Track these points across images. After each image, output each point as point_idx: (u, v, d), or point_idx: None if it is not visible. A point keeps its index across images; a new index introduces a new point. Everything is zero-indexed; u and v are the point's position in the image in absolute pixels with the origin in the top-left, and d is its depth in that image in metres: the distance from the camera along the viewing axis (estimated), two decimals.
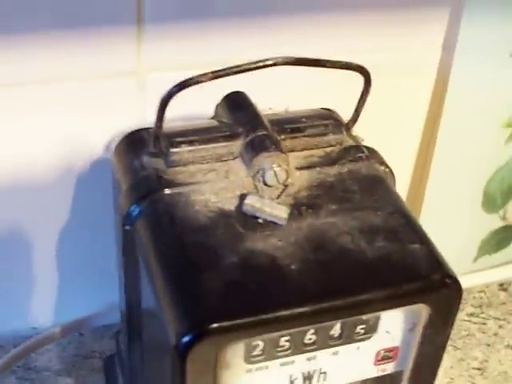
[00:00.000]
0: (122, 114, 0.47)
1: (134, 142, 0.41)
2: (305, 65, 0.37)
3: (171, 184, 0.38)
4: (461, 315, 0.62)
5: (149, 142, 0.40)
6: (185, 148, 0.39)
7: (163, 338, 0.33)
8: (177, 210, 0.37)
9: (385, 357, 0.38)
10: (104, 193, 0.44)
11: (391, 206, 0.38)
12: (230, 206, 0.37)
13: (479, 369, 0.59)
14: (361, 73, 0.38)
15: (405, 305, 0.35)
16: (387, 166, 0.41)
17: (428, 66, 0.54)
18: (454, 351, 0.60)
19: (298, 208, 0.37)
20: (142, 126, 0.42)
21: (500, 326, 0.62)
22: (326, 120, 0.41)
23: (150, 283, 0.36)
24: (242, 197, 0.37)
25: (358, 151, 0.41)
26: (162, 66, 0.47)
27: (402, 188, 0.60)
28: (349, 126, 0.41)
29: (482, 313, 0.63)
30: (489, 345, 0.61)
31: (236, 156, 0.39)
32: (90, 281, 0.56)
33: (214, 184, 0.38)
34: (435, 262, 0.36)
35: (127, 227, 0.38)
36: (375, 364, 0.38)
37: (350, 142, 0.41)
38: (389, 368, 0.39)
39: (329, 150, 0.41)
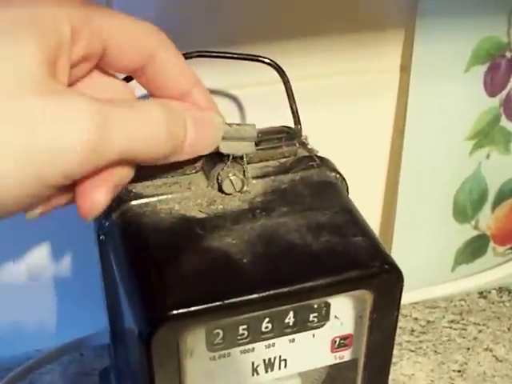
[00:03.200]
0: None
1: None
2: (216, 57, 0.44)
3: (139, 196, 0.42)
4: (442, 322, 0.66)
5: None
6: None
7: (134, 333, 0.37)
8: (144, 218, 0.41)
9: (341, 344, 0.42)
10: None
11: (338, 206, 0.42)
12: (192, 212, 0.41)
13: (459, 371, 0.62)
14: (271, 66, 0.43)
15: (348, 291, 0.39)
16: (338, 173, 0.45)
17: (388, 86, 0.58)
18: (435, 355, 0.63)
19: (253, 211, 0.41)
20: None
21: (480, 331, 0.65)
22: (280, 134, 0.45)
23: (121, 284, 0.40)
24: None
25: (311, 160, 0.45)
26: None
27: (375, 205, 0.64)
28: (300, 134, 0.45)
29: (463, 319, 0.66)
30: (468, 348, 0.64)
31: (198, 170, 0.43)
32: (89, 303, 0.60)
33: (177, 195, 0.42)
34: (376, 251, 0.39)
35: (101, 237, 0.42)
36: (332, 351, 0.42)
37: (305, 154, 0.46)
38: (346, 355, 0.42)
39: (283, 160, 0.45)
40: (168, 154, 0.35)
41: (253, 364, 0.40)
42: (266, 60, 0.45)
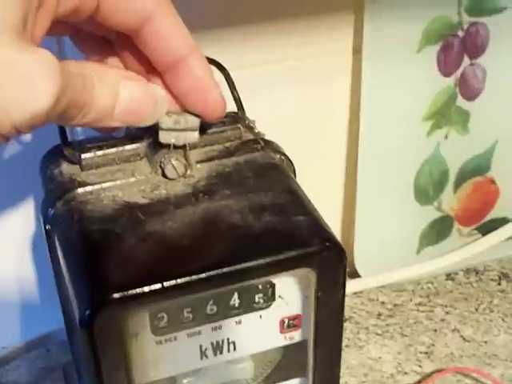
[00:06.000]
0: None
1: (56, 154, 0.45)
2: None
3: (83, 184, 0.42)
4: (409, 305, 0.66)
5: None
6: (95, 153, 0.43)
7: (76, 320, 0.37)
8: (87, 206, 0.41)
9: (290, 325, 0.42)
10: None
11: (281, 187, 0.42)
12: (135, 198, 0.41)
13: (426, 353, 0.62)
14: (214, 65, 0.43)
15: (289, 269, 0.39)
16: (283, 154, 0.45)
17: (342, 70, 0.58)
18: (402, 338, 0.63)
19: (196, 195, 0.41)
20: None
21: (447, 313, 0.65)
22: (224, 118, 0.45)
23: (64, 272, 0.40)
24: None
25: (255, 143, 0.45)
26: None
27: (336, 191, 0.64)
28: (244, 118, 0.45)
29: (430, 301, 0.66)
30: (436, 330, 0.64)
31: (142, 157, 0.43)
32: (53, 297, 0.60)
33: (121, 182, 0.42)
34: (317, 229, 0.39)
35: (47, 227, 0.42)
36: (281, 332, 0.42)
37: (250, 137, 0.46)
38: (296, 336, 0.43)
39: (228, 144, 0.45)
40: (93, 118, 0.35)
41: (201, 347, 0.40)
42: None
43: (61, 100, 0.31)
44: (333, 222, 0.63)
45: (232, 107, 0.45)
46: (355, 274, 0.65)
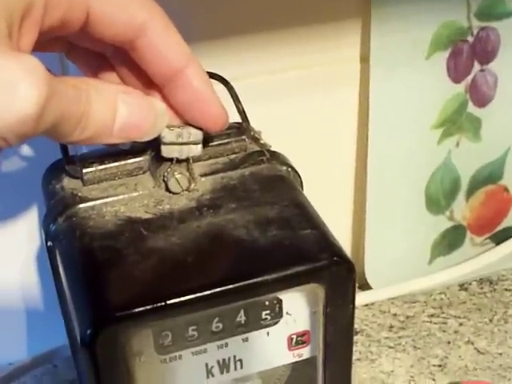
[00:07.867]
0: None
1: (58, 169, 0.44)
2: None
3: (85, 199, 0.41)
4: (421, 317, 0.64)
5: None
6: (97, 167, 0.42)
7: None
8: (89, 221, 0.40)
9: (298, 342, 0.41)
10: None
11: (288, 200, 0.41)
12: (137, 214, 0.40)
13: (440, 365, 0.60)
14: (217, 80, 0.43)
15: (297, 285, 0.38)
16: (290, 166, 0.44)
17: (350, 78, 0.57)
18: (415, 351, 0.61)
19: (200, 209, 0.40)
20: None
21: (460, 324, 0.64)
22: (229, 130, 0.44)
23: (66, 289, 0.39)
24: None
25: (261, 155, 0.44)
26: None
27: (345, 202, 0.63)
28: (249, 129, 0.44)
29: (443, 313, 0.65)
30: (449, 342, 0.62)
31: (145, 170, 0.43)
32: (60, 313, 0.59)
33: (124, 196, 0.41)
34: (325, 244, 0.38)
35: (49, 243, 0.41)
36: (290, 349, 0.41)
37: (256, 149, 0.45)
38: (305, 353, 0.41)
39: (233, 156, 0.44)
40: (92, 134, 0.34)
41: (206, 365, 0.39)
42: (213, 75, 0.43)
43: (49, 108, 0.30)
44: (343, 233, 0.62)
45: (236, 119, 0.44)
46: (366, 286, 0.64)
